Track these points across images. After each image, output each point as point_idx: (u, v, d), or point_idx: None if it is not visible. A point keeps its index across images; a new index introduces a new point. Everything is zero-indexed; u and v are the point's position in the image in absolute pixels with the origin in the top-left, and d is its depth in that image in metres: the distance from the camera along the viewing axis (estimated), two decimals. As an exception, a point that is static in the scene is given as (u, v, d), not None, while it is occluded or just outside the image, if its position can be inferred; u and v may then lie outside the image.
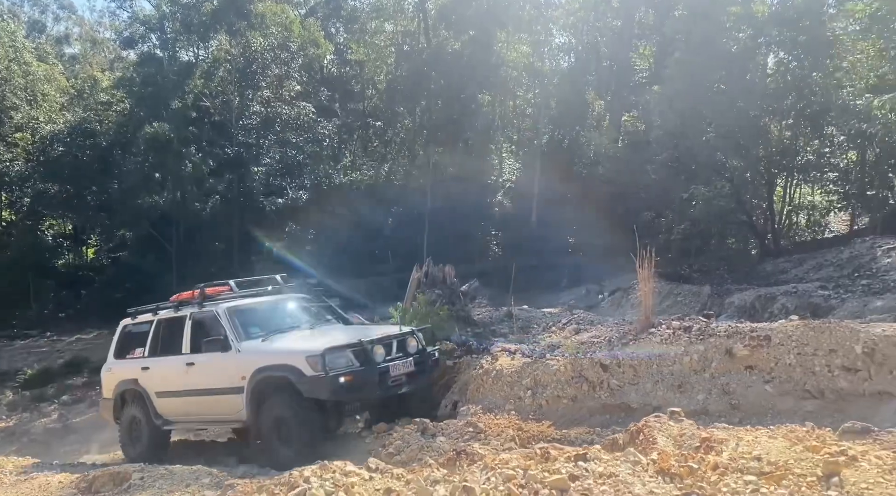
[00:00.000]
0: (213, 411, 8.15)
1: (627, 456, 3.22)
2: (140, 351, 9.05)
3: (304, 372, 7.01)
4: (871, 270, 12.90)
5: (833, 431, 3.43)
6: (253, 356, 7.61)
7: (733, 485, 2.81)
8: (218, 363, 7.86)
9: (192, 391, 8.31)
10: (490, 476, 3.22)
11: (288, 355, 7.38)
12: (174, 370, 8.46)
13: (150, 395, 8.75)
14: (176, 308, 8.83)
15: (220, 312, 8.16)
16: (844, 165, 19.47)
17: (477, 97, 23.53)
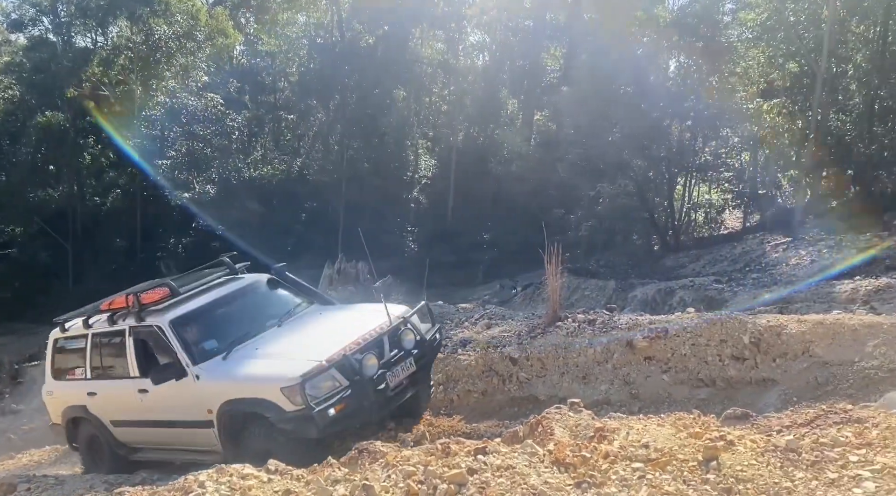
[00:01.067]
0: (184, 443, 6.71)
1: (525, 448, 3.30)
2: (80, 371, 7.52)
3: (283, 406, 5.59)
4: (760, 265, 13.76)
5: (717, 418, 3.62)
6: (215, 385, 6.16)
7: (622, 473, 2.93)
8: (175, 393, 6.40)
9: (153, 422, 6.88)
10: (391, 473, 3.22)
11: (258, 386, 5.90)
12: (126, 398, 6.96)
13: (105, 424, 7.34)
14: (110, 319, 7.15)
15: (165, 328, 6.59)
16: (738, 166, 20.69)
17: (392, 92, 23.45)
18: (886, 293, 9.04)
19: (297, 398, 5.53)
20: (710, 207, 21.66)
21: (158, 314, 6.75)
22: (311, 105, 24.30)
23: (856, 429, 3.14)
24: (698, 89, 19.19)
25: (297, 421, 5.52)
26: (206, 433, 6.24)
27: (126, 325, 6.94)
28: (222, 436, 6.08)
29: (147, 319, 6.78)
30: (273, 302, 7.43)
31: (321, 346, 6.11)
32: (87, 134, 21.52)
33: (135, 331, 6.87)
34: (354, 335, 6.24)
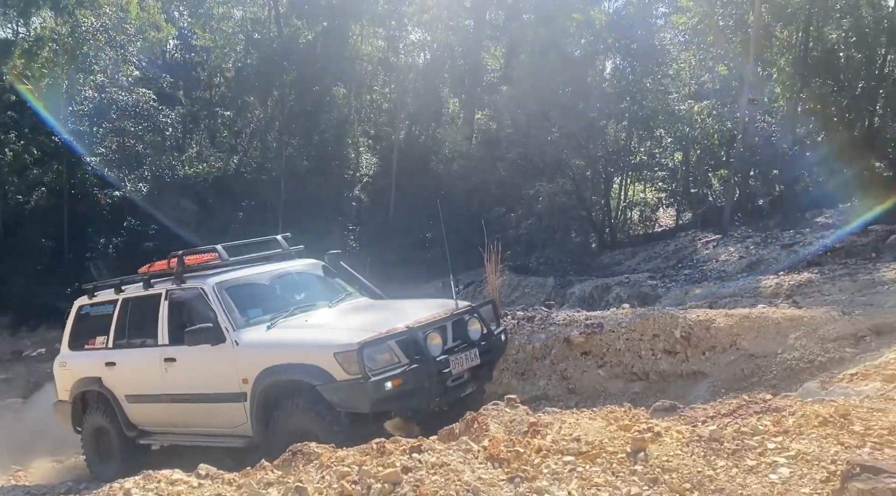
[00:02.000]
0: (204, 423, 6.14)
1: (460, 444, 3.32)
2: (102, 340, 6.92)
3: (333, 374, 5.05)
4: (692, 261, 14.23)
5: (647, 410, 3.73)
6: (257, 351, 5.60)
7: (553, 466, 2.97)
8: (208, 360, 5.86)
9: (174, 396, 6.27)
10: (325, 474, 3.19)
11: (308, 350, 5.34)
12: (148, 368, 6.41)
13: (120, 399, 6.74)
14: (146, 283, 6.60)
15: (209, 290, 6.02)
16: (672, 165, 21.34)
17: (332, 90, 23.19)
18: (807, 287, 9.49)
19: (351, 365, 5.02)
20: (645, 206, 22.28)
21: (202, 278, 6.30)
22: (248, 101, 23.80)
23: (774, 418, 3.28)
24: (633, 90, 19.69)
25: (347, 391, 5.00)
26: (235, 409, 5.70)
27: (163, 288, 6.47)
28: (254, 412, 5.48)
29: (189, 282, 6.29)
30: (324, 286, 7.03)
31: (380, 322, 5.65)
32: (7, 129, 20.46)
33: (172, 295, 6.38)
34: (416, 316, 5.77)
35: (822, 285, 9.45)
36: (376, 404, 5.03)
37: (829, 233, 12.84)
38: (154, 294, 6.53)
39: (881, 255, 10.91)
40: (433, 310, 6.05)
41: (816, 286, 9.45)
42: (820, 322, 7.06)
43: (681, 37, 19.93)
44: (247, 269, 6.63)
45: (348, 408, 5.06)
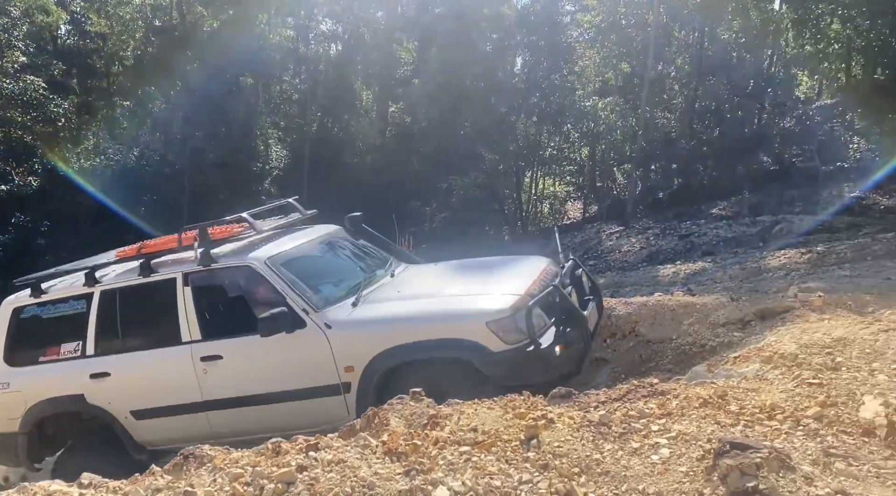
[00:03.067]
0: (278, 428, 4.73)
1: (359, 441, 3.30)
2: (73, 347, 5.48)
3: (489, 347, 4.41)
4: (597, 252, 14.74)
5: (543, 397, 3.82)
6: (365, 332, 4.73)
7: (449, 457, 3.00)
8: (284, 352, 4.86)
9: (223, 403, 5.11)
10: (217, 477, 3.10)
11: (447, 323, 4.59)
12: (175, 373, 5.19)
13: (120, 419, 5.40)
14: (144, 268, 5.29)
15: (261, 265, 4.96)
16: (579, 160, 22.02)
17: (238, 80, 22.49)
18: (701, 275, 10.02)
19: (509, 334, 4.41)
20: (555, 199, 22.89)
21: (239, 254, 5.17)
22: (149, 91, 22.72)
23: (659, 401, 3.44)
24: (542, 86, 20.16)
25: (514, 362, 4.37)
26: (330, 404, 4.79)
27: (177, 272, 5.22)
28: (364, 403, 4.50)
29: (223, 261, 5.12)
30: (364, 253, 6.11)
31: (496, 283, 4.93)
32: None
33: (197, 278, 5.17)
34: (523, 273, 5.06)
35: (715, 273, 10.01)
36: (551, 371, 4.45)
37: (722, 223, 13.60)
38: (162, 280, 5.27)
39: (767, 244, 11.66)
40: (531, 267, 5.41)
41: (709, 274, 9.99)
42: (711, 308, 7.44)
43: (586, 35, 20.56)
44: (286, 240, 5.53)
45: (515, 381, 4.24)
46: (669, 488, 2.63)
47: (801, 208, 14.63)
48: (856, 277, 7.95)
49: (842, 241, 10.66)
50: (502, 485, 2.75)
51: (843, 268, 8.81)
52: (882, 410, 2.96)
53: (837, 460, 2.70)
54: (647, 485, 2.66)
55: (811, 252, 9.98)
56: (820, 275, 8.49)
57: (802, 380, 3.56)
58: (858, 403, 3.11)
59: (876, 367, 3.68)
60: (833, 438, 2.88)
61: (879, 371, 3.56)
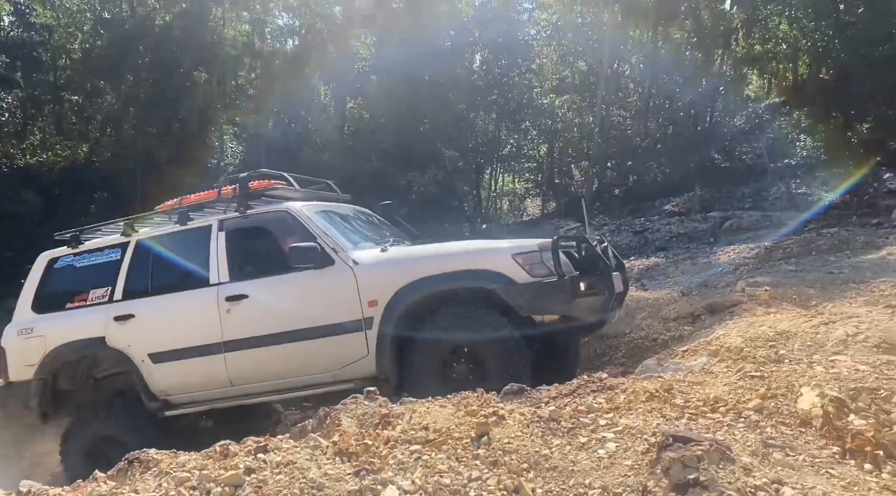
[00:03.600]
0: (293, 371, 5.13)
1: (309, 441, 3.27)
2: (102, 292, 5.64)
3: (514, 278, 4.56)
4: (555, 248, 14.89)
5: (496, 394, 3.84)
6: (392, 266, 4.92)
7: (400, 457, 3.00)
8: (309, 288, 5.00)
9: (242, 343, 5.19)
10: (162, 482, 3.04)
11: (475, 256, 4.80)
12: (198, 313, 5.31)
13: (137, 362, 5.46)
14: (182, 217, 5.61)
15: (298, 211, 5.27)
16: (538, 157, 22.21)
17: (192, 75, 22.01)
18: (654, 271, 10.21)
19: (535, 268, 4.57)
20: (514, 196, 23.04)
21: (276, 203, 5.52)
22: (99, 86, 22.08)
23: (608, 396, 3.50)
24: (501, 83, 20.27)
25: (539, 291, 4.49)
26: (350, 342, 4.90)
27: (214, 219, 5.51)
28: (385, 338, 4.73)
29: (260, 207, 5.44)
30: (390, 229, 6.34)
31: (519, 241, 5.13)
32: None
33: (232, 224, 5.42)
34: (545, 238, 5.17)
35: (667, 268, 10.20)
36: (573, 305, 4.58)
37: (675, 220, 13.88)
38: (198, 227, 5.54)
39: (718, 240, 11.94)
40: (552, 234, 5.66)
41: (662, 269, 10.18)
42: (663, 303, 7.61)
43: (544, 33, 20.73)
44: (317, 200, 5.84)
45: (539, 310, 4.54)
46: (614, 482, 2.67)
47: (751, 204, 15.03)
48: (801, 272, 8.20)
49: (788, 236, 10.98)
50: (452, 483, 2.76)
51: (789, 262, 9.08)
52: (818, 401, 3.06)
53: (775, 450, 2.79)
54: (592, 480, 2.70)
55: (759, 247, 10.26)
56: (767, 270, 8.73)
57: (745, 373, 3.66)
58: (797, 395, 3.21)
59: (815, 359, 3.80)
60: (772, 429, 2.96)
61: (818, 363, 3.68)
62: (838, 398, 3.05)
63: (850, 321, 4.56)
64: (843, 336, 4.16)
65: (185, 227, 5.62)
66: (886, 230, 10.92)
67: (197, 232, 5.57)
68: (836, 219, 12.54)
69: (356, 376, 4.85)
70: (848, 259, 8.50)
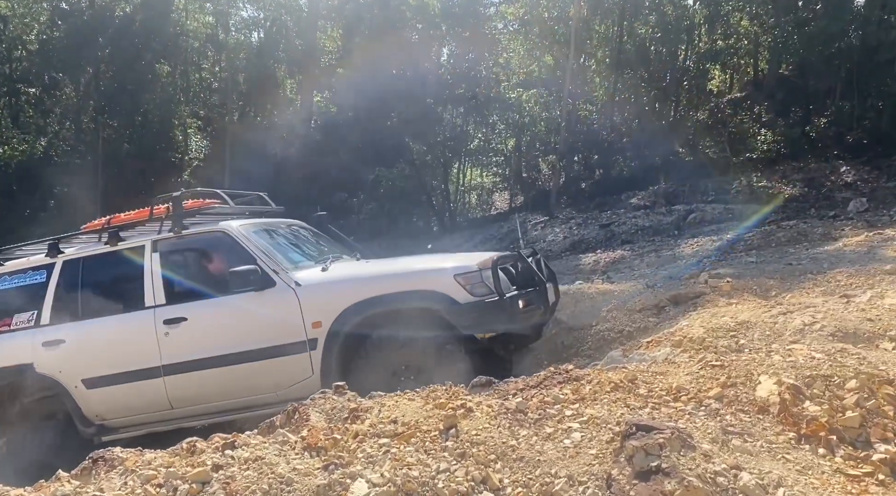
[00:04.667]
0: (238, 392, 5.04)
1: (277, 437, 3.27)
2: (26, 317, 5.45)
3: (456, 298, 4.65)
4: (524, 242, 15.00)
5: (465, 387, 3.87)
6: (335, 288, 4.91)
7: (369, 450, 3.01)
8: (251, 311, 4.96)
9: (182, 366, 5.10)
10: (128, 480, 3.00)
11: (417, 277, 4.89)
12: (134, 338, 5.21)
13: (70, 388, 5.29)
14: (113, 236, 5.39)
15: (235, 231, 5.16)
16: (505, 151, 22.31)
17: (155, 67, 21.61)
18: (620, 264, 10.36)
19: (476, 288, 4.70)
20: (482, 190, 23.12)
21: (211, 222, 5.42)
22: (57, 78, 21.53)
23: (574, 387, 3.55)
24: (468, 77, 20.29)
25: (480, 311, 4.62)
26: (294, 362, 4.90)
27: (145, 240, 5.35)
28: (330, 358, 4.76)
29: (195, 228, 5.34)
30: (329, 243, 6.31)
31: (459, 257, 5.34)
32: None
33: (166, 245, 5.29)
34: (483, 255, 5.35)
35: (633, 261, 10.37)
36: (512, 323, 4.75)
37: (640, 213, 14.08)
38: (130, 248, 5.39)
39: (682, 232, 12.16)
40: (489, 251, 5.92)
41: (628, 262, 10.35)
42: (629, 295, 7.74)
43: (511, 27, 20.80)
44: (257, 218, 5.77)
45: (481, 329, 4.68)
46: (580, 470, 2.72)
47: (714, 197, 15.33)
48: (761, 263, 8.41)
49: (749, 228, 11.24)
50: (420, 475, 2.79)
51: (750, 254, 9.30)
52: (776, 389, 3.16)
53: (734, 437, 2.87)
54: (559, 469, 2.75)
55: (721, 239, 10.48)
56: (729, 262, 8.93)
57: (707, 362, 3.75)
58: (755, 383, 3.30)
59: (774, 348, 3.92)
60: (731, 417, 3.05)
61: (776, 352, 3.79)
62: (794, 385, 3.15)
63: (808, 311, 4.70)
64: (800, 325, 4.29)
65: (116, 248, 5.45)
66: (843, 222, 11.25)
67: (129, 253, 5.42)
68: (794, 211, 12.87)
69: (302, 395, 4.54)
70: (806, 251, 8.74)
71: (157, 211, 5.48)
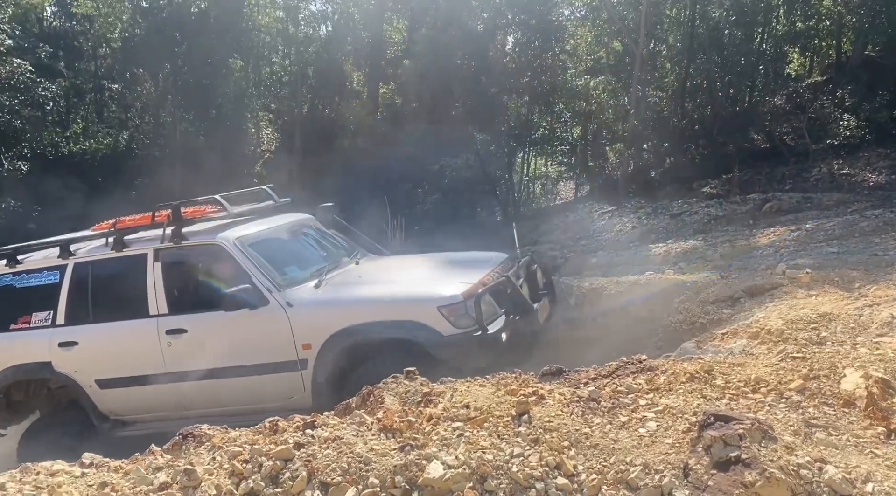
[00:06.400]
0: (235, 402, 5.22)
1: (354, 418, 3.37)
2: (44, 316, 5.68)
3: (439, 330, 4.67)
4: (589, 232, 14.80)
5: (535, 375, 3.90)
6: (324, 311, 4.98)
7: (443, 433, 3.07)
8: (246, 328, 5.08)
9: (185, 375, 5.32)
10: (216, 455, 3.16)
11: (402, 305, 4.86)
12: (140, 345, 5.40)
13: (85, 387, 5.59)
14: (117, 242, 5.51)
15: (230, 245, 5.21)
16: (571, 140, 22.00)
17: (228, 62, 22.28)
18: (692, 254, 10.10)
19: (459, 320, 4.71)
20: (547, 179, 22.89)
21: (210, 233, 5.40)
22: (137, 74, 22.52)
23: (648, 377, 3.52)
24: (534, 66, 20.05)
25: (459, 346, 4.60)
26: (287, 379, 5.03)
27: (148, 248, 5.44)
28: (320, 380, 4.89)
29: (194, 238, 5.37)
30: (332, 241, 6.39)
31: (452, 273, 5.23)
32: None
33: (167, 255, 5.38)
34: (479, 266, 5.38)
35: (705, 251, 10.09)
36: (496, 358, 4.62)
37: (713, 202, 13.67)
38: (134, 255, 5.48)
39: (758, 222, 11.74)
40: (487, 261, 5.71)
41: (700, 252, 10.07)
42: (701, 286, 7.54)
43: (578, 13, 20.45)
44: (257, 223, 5.80)
45: (462, 364, 4.51)
46: (656, 459, 2.71)
47: (792, 186, 14.71)
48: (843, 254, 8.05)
49: (830, 217, 10.75)
50: (494, 459, 2.83)
51: (831, 244, 8.91)
52: (862, 382, 3.05)
53: (818, 430, 2.79)
54: (634, 457, 2.74)
55: (800, 229, 10.07)
56: (808, 252, 8.58)
57: (787, 354, 3.65)
58: (840, 376, 3.20)
59: (859, 341, 3.77)
60: (815, 410, 2.97)
61: (862, 344, 3.65)
62: (883, 379, 3.03)
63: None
64: (888, 318, 4.11)
65: (121, 254, 5.54)
66: (933, 211, 10.62)
67: (133, 259, 5.50)
68: (880, 200, 12.22)
69: (298, 407, 4.72)
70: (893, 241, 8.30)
71: (158, 217, 5.56)
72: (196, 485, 2.90)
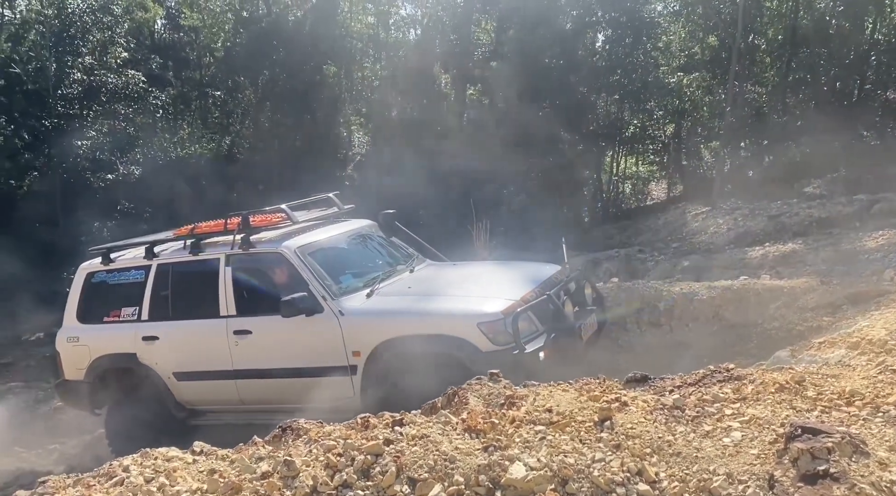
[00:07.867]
0: (294, 400, 5.52)
1: (440, 417, 3.50)
2: (131, 311, 6.27)
3: (478, 346, 4.84)
4: (681, 234, 14.39)
5: (619, 381, 3.91)
6: (373, 321, 5.27)
7: (525, 436, 3.16)
8: (301, 333, 5.44)
9: (248, 372, 5.79)
10: (312, 448, 3.38)
11: (445, 320, 5.05)
12: (212, 343, 5.88)
13: (164, 379, 6.18)
14: (194, 247, 6.04)
15: (291, 254, 5.57)
16: (663, 138, 21.40)
17: (322, 68, 23.12)
18: (791, 258, 9.67)
19: (498, 336, 4.86)
20: (637, 179, 22.37)
21: (274, 241, 5.80)
22: (238, 82, 23.73)
23: (734, 386, 3.47)
24: (624, 64, 19.67)
25: (498, 362, 4.56)
26: (338, 383, 5.33)
27: (221, 253, 5.93)
28: (366, 385, 5.19)
29: (260, 246, 5.77)
30: (391, 248, 6.76)
31: (497, 287, 5.43)
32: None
33: (236, 260, 5.83)
34: (527, 281, 5.56)
35: (806, 255, 9.64)
36: (532, 376, 4.55)
37: (815, 203, 12.99)
38: (208, 259, 5.97)
39: (865, 224, 11.07)
40: (534, 272, 5.93)
41: (800, 256, 9.63)
42: (799, 292, 7.25)
43: (671, 8, 19.88)
44: (319, 231, 6.18)
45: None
46: (740, 469, 2.69)
47: (905, 185, 13.73)
48: (961, 260, 7.51)
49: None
50: (576, 463, 2.89)
51: (947, 249, 8.32)
52: (970, 400, 2.90)
53: (917, 448, 2.69)
54: (717, 466, 2.73)
55: (913, 233, 9.44)
56: (921, 258, 8.05)
57: (887, 366, 3.50)
58: (945, 392, 3.05)
59: (970, 356, 3.57)
60: (914, 426, 2.85)
61: (974, 359, 3.45)
62: None
63: None
64: None
65: (197, 258, 6.07)
66: None
67: (207, 263, 6.01)
68: None
69: (347, 410, 4.92)
70: None
71: (230, 224, 6.03)
72: (294, 475, 3.12)
